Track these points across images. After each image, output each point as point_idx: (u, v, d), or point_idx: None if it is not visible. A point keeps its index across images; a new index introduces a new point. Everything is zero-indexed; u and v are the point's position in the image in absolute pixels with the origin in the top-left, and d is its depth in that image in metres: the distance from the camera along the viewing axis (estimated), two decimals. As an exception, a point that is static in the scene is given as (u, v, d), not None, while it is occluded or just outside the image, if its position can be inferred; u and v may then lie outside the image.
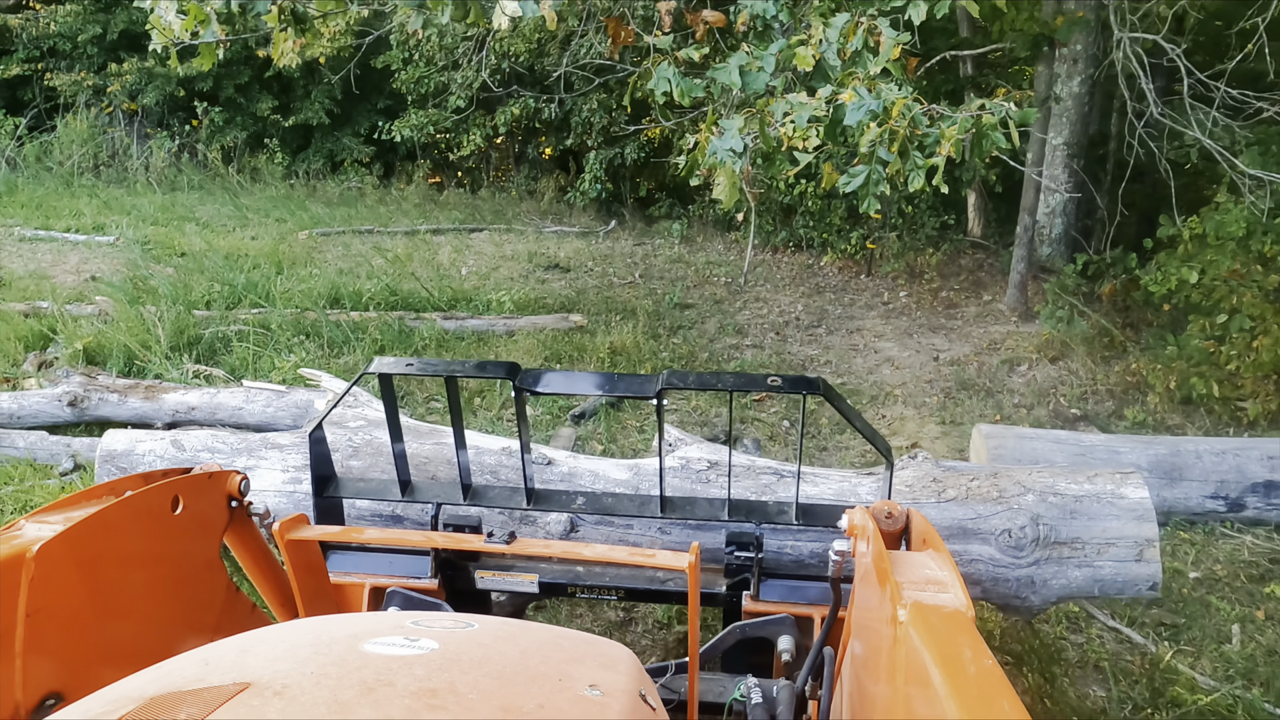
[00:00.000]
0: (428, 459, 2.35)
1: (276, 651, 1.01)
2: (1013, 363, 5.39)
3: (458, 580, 2.04)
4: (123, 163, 10.71)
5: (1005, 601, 2.17)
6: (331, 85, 11.06)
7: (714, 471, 2.29)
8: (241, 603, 1.86)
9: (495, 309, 5.99)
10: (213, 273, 6.27)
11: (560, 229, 9.49)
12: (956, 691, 0.96)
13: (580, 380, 2.23)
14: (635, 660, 1.20)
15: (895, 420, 4.65)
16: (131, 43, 11.16)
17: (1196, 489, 3.53)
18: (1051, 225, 7.59)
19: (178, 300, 5.34)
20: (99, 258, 7.12)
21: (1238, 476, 3.51)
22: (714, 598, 2.02)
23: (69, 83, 10.68)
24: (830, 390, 1.78)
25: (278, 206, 9.53)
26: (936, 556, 1.46)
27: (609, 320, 5.98)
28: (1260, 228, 4.56)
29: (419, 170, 11.33)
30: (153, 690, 0.91)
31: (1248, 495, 3.51)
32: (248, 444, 2.46)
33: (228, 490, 1.80)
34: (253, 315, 5.43)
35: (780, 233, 8.60)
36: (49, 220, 8.13)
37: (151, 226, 8.07)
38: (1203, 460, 3.55)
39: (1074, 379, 5.05)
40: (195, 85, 10.92)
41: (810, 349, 5.89)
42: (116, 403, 4.03)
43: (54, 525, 1.40)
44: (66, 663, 1.37)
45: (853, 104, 2.66)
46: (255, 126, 11.30)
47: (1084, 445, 3.62)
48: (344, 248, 8.00)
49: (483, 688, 0.92)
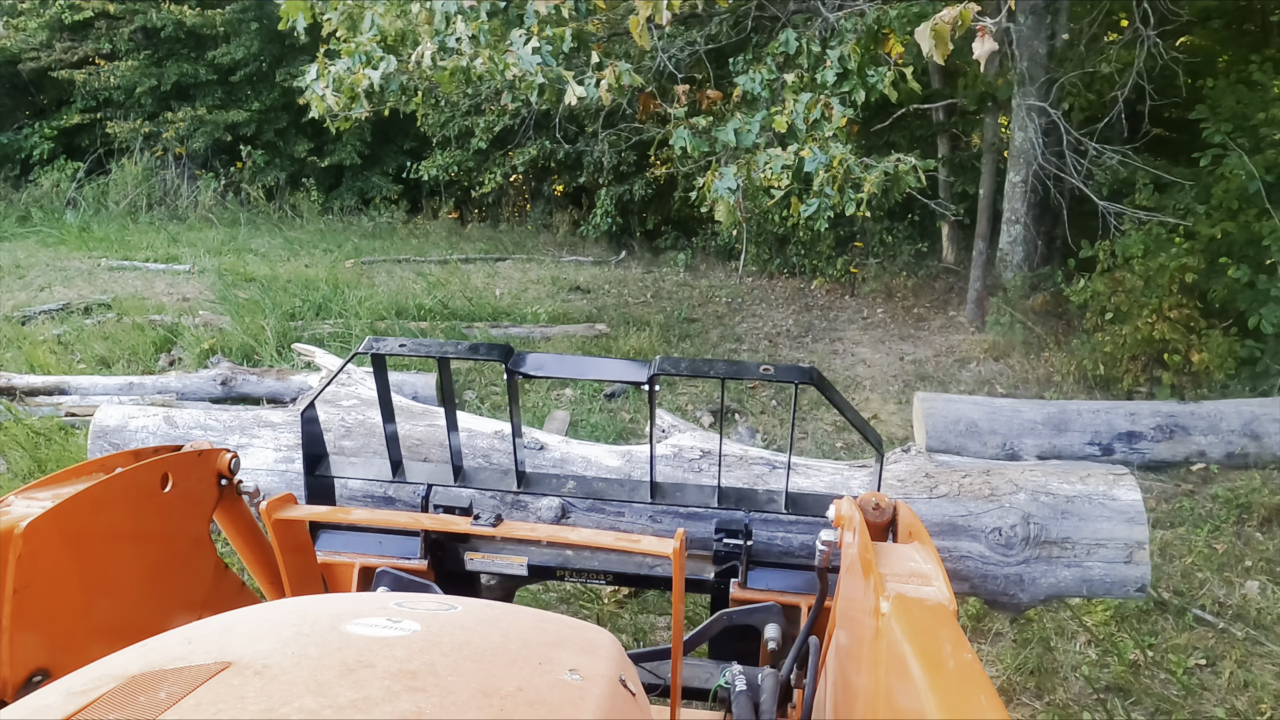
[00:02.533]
0: (420, 441, 2.40)
1: (259, 631, 1.04)
2: (963, 361, 6.85)
3: (447, 562, 2.10)
4: (173, 201, 12.27)
5: (993, 598, 2.24)
6: (362, 129, 12.70)
7: (706, 460, 2.35)
8: (229, 581, 1.90)
9: (532, 320, 7.46)
10: (290, 291, 7.74)
11: (576, 258, 11.00)
12: (935, 684, 0.99)
13: (572, 364, 2.33)
14: (617, 645, 1.24)
15: (862, 400, 6.09)
16: (180, 93, 12.84)
17: (1078, 438, 4.95)
18: (1013, 252, 9.08)
19: (274, 311, 6.80)
20: (181, 283, 8.61)
21: (1108, 429, 4.94)
22: (701, 584, 2.08)
23: (127, 130, 12.28)
24: (822, 379, 1.84)
25: (320, 239, 11.06)
26: (922, 549, 1.50)
27: (627, 330, 7.44)
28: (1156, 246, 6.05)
29: (445, 206, 12.88)
30: (135, 668, 0.94)
31: (1115, 442, 4.93)
32: (240, 422, 2.51)
33: (218, 468, 1.84)
34: (333, 324, 6.89)
35: (775, 260, 10.11)
36: (129, 253, 9.62)
37: (218, 257, 9.57)
38: (1083, 416, 4.98)
39: (1010, 372, 6.50)
40: (240, 130, 12.55)
41: (797, 353, 7.35)
42: (255, 383, 5.46)
43: (42, 502, 1.43)
44: (54, 639, 1.40)
45: (810, 158, 4.15)
46: (293, 167, 12.91)
47: (995, 406, 5.06)
48: (387, 274, 9.48)
49: (462, 669, 0.96)
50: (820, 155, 4.09)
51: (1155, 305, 5.27)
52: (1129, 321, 5.41)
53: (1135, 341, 5.31)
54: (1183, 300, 5.27)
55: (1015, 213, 8.72)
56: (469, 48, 4.40)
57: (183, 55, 12.72)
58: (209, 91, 12.80)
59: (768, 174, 4.30)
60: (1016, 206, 8.78)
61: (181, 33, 12.43)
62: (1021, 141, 8.32)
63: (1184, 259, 5.29)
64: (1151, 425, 4.91)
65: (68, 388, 5.30)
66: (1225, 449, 4.84)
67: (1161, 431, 4.89)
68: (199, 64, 12.63)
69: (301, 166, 12.92)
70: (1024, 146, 8.35)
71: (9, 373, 5.38)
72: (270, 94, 12.88)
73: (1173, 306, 5.23)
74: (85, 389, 5.31)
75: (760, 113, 4.57)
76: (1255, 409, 4.88)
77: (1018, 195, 8.74)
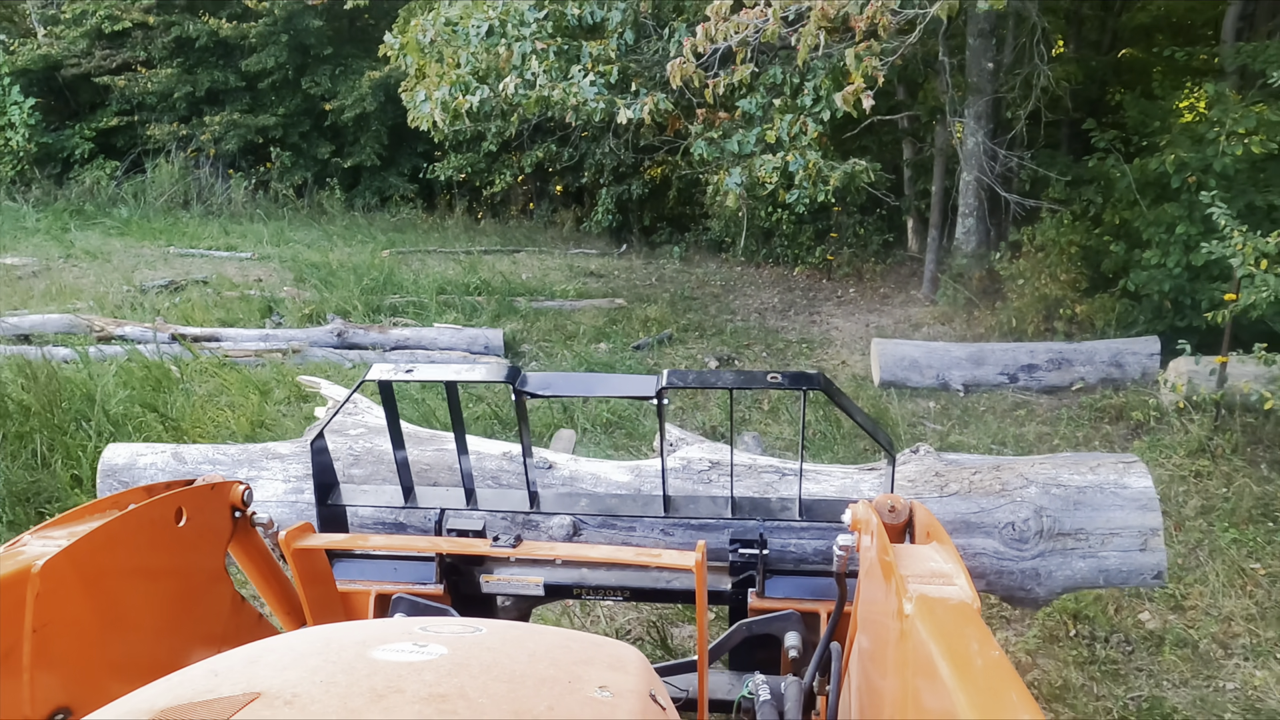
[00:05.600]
0: (429, 465, 2.51)
1: (285, 660, 1.08)
2: (917, 325, 8.98)
3: (463, 585, 2.19)
4: (207, 198, 14.18)
5: (1010, 594, 2.31)
6: (379, 132, 14.74)
7: (715, 471, 2.44)
8: (248, 613, 1.98)
9: (561, 295, 9.50)
10: (355, 273, 9.72)
11: (582, 250, 13.05)
12: (965, 684, 1.03)
13: (579, 381, 2.45)
14: (644, 660, 1.28)
15: (834, 353, 8.18)
16: (211, 98, 14.77)
17: (992, 370, 7.07)
18: (966, 241, 11.26)
19: (355, 285, 8.79)
20: (250, 267, 10.55)
21: (1014, 362, 7.06)
22: (720, 595, 2.15)
23: (165, 133, 14.19)
24: (830, 385, 1.91)
25: (350, 233, 13.03)
26: (941, 549, 1.56)
27: (641, 304, 9.49)
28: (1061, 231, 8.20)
29: (459, 204, 14.91)
30: (162, 703, 0.98)
31: (1019, 373, 7.05)
32: (248, 455, 2.61)
33: (231, 501, 1.94)
34: (399, 297, 8.87)
35: (762, 250, 12.24)
36: (190, 242, 11.56)
37: (273, 246, 11.53)
38: (995, 354, 7.10)
39: (952, 332, 8.63)
40: (269, 133, 14.51)
41: (781, 322, 9.44)
42: (363, 335, 7.45)
43: (58, 541, 1.51)
44: (74, 677, 1.47)
45: (793, 161, 6.24)
46: (316, 168, 14.87)
47: (930, 347, 7.17)
48: (420, 262, 11.47)
49: (492, 691, 1.00)
50: (800, 160, 6.19)
51: (1050, 272, 7.43)
52: (1031, 284, 7.58)
53: (1036, 299, 7.47)
54: (1070, 268, 7.43)
55: (969, 207, 10.90)
56: (544, 80, 6.44)
57: (212, 63, 14.68)
58: (238, 97, 14.75)
59: (763, 174, 6.39)
60: (970, 202, 10.96)
61: (213, 42, 14.36)
62: (972, 146, 10.52)
63: (1070, 236, 7.45)
64: (1045, 359, 7.05)
65: (220, 337, 7.26)
66: (1098, 375, 6.97)
67: (1052, 364, 7.02)
68: (228, 71, 14.58)
69: (324, 167, 14.89)
70: (973, 150, 10.56)
71: (175, 325, 7.34)
72: (293, 99, 14.84)
73: (1063, 272, 7.39)
74: (233, 338, 7.28)
75: (756, 128, 6.66)
76: (1120, 346, 7.03)
77: (970, 192, 10.93)
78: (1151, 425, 6.14)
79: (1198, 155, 7.07)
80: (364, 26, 15.17)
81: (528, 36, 6.64)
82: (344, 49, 14.82)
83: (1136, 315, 7.47)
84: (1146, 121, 8.59)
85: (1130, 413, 6.33)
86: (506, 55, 6.69)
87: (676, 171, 12.61)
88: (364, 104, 14.16)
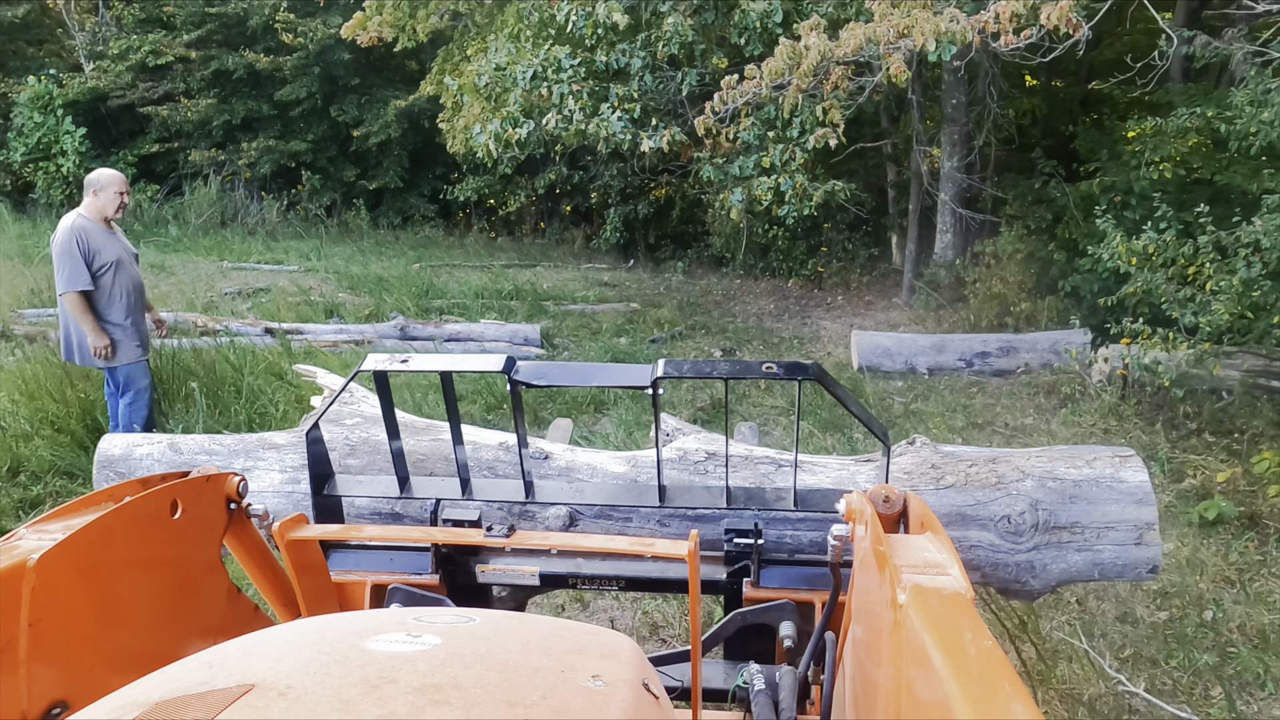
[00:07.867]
0: (425, 455, 2.59)
1: (280, 652, 1.12)
2: (894, 325, 10.77)
3: (458, 575, 2.27)
4: (243, 218, 15.97)
5: (1005, 586, 2.40)
6: (401, 156, 16.60)
7: (711, 462, 2.53)
8: (243, 605, 2.05)
9: (582, 300, 11.27)
10: (399, 281, 11.49)
11: (593, 265, 14.86)
12: (957, 672, 1.07)
13: (574, 371, 2.35)
14: (637, 649, 1.31)
15: (820, 345, 9.95)
16: (247, 125, 16.62)
17: (952, 356, 8.85)
18: (944, 255, 13.11)
19: (405, 291, 10.55)
20: (299, 278, 12.31)
21: (969, 350, 8.84)
22: (714, 585, 2.24)
23: (205, 158, 16.02)
24: (825, 375, 1.95)
25: (379, 249, 14.82)
26: (935, 539, 1.61)
27: (652, 308, 11.26)
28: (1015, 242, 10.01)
29: (477, 223, 16.74)
30: (158, 695, 1.01)
31: (975, 359, 8.83)
32: (244, 445, 2.68)
33: (226, 492, 2.00)
34: (444, 300, 10.62)
35: (759, 265, 14.06)
36: (240, 257, 13.32)
37: (319, 260, 13.30)
38: (955, 343, 8.89)
39: (923, 329, 10.42)
40: (300, 158, 16.35)
41: (776, 324, 11.23)
42: (421, 329, 9.19)
43: (53, 534, 1.55)
44: (71, 671, 1.52)
45: (784, 183, 8.04)
46: (343, 189, 16.70)
47: (899, 337, 8.96)
48: (448, 274, 13.24)
49: (486, 681, 1.03)
50: (789, 181, 7.98)
51: (1002, 276, 9.25)
52: (987, 286, 9.40)
53: (990, 298, 9.29)
54: (1019, 273, 9.25)
55: (945, 224, 12.77)
56: (579, 116, 8.24)
57: (247, 93, 16.55)
58: (270, 124, 16.60)
59: (760, 192, 8.18)
60: (946, 219, 12.83)
61: (248, 74, 16.23)
62: (948, 170, 12.39)
63: (1018, 246, 9.28)
64: (996, 348, 8.83)
65: (301, 330, 9.00)
66: (1040, 361, 8.75)
67: (1002, 351, 8.81)
68: (262, 100, 16.44)
69: (350, 189, 16.72)
70: (950, 173, 12.43)
71: (265, 320, 9.08)
72: (321, 126, 16.70)
73: (1012, 276, 9.21)
74: (313, 332, 9.02)
75: (755, 155, 8.48)
76: (1058, 336, 8.82)
77: (946, 211, 12.81)
78: (1075, 397, 7.91)
79: (1122, 179, 8.92)
80: (389, 59, 17.08)
81: (565, 80, 8.45)
82: (370, 79, 16.71)
83: (1073, 311, 9.28)
84: (1095, 149, 10.47)
85: (1060, 388, 8.11)
86: (547, 95, 8.49)
87: (681, 192, 14.51)
88: (389, 130, 16.01)
